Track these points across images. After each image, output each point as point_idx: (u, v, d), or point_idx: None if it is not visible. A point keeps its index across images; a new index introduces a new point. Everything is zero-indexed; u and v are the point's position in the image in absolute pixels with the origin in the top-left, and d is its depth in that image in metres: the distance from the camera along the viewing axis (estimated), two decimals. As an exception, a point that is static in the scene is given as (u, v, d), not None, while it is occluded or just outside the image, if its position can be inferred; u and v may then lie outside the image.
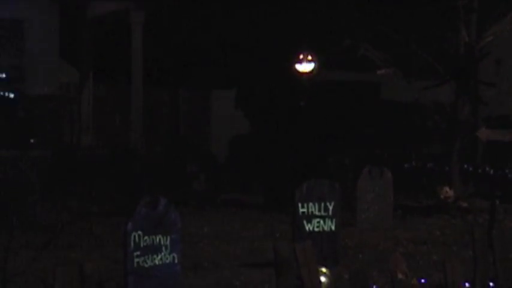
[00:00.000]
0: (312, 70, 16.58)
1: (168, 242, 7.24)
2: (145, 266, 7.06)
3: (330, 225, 8.88)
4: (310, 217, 8.81)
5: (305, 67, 16.58)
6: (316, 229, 8.81)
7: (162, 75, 18.94)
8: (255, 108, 18.10)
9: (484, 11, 13.57)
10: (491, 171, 14.31)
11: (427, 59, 13.62)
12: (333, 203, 8.90)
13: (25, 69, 17.41)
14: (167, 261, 7.21)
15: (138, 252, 7.03)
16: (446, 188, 12.99)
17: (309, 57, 16.53)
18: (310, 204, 8.82)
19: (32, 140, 12.77)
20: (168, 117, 19.45)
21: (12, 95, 16.42)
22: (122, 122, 18.12)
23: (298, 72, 16.55)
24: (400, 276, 4.80)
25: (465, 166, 14.92)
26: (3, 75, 17.09)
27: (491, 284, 5.12)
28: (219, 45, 19.34)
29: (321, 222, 8.85)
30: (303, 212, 8.79)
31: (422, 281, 4.98)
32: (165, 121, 19.35)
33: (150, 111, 18.17)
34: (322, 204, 8.85)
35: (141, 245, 7.06)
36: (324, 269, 6.19)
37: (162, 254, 7.19)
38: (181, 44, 19.61)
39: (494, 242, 5.33)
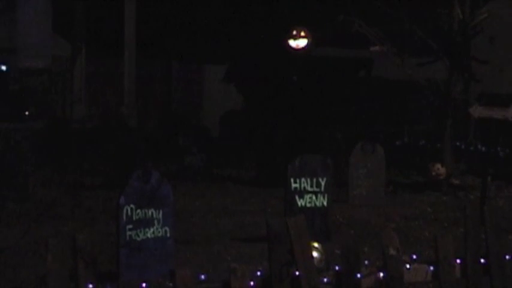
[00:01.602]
0: (305, 46, 16.52)
1: (160, 216, 7.27)
2: (138, 239, 7.09)
3: (322, 201, 8.91)
4: (302, 192, 8.83)
5: (298, 43, 16.53)
6: (308, 205, 8.84)
7: (155, 49, 18.86)
8: (247, 83, 18.07)
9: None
10: (483, 149, 14.34)
11: (421, 35, 13.58)
12: (325, 179, 8.92)
13: (17, 41, 17.30)
14: (159, 234, 7.24)
15: (131, 226, 7.06)
16: (438, 165, 13.01)
17: (302, 33, 16.47)
18: (303, 179, 8.83)
19: (26, 113, 12.74)
20: (160, 91, 19.40)
21: (4, 67, 16.33)
22: (115, 95, 18.08)
23: (291, 47, 16.49)
24: (392, 251, 4.81)
25: (457, 143, 14.95)
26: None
27: (482, 260, 5.14)
28: (213, 19, 19.26)
29: (313, 197, 8.87)
30: (295, 188, 8.81)
31: (414, 256, 5.00)
32: (158, 94, 19.31)
33: (142, 84, 18.12)
34: (315, 180, 8.87)
35: (134, 219, 7.09)
36: (316, 244, 6.21)
37: (155, 227, 7.22)
38: (174, 18, 19.52)
39: (486, 218, 5.34)
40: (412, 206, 11.59)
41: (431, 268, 4.99)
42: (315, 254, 5.53)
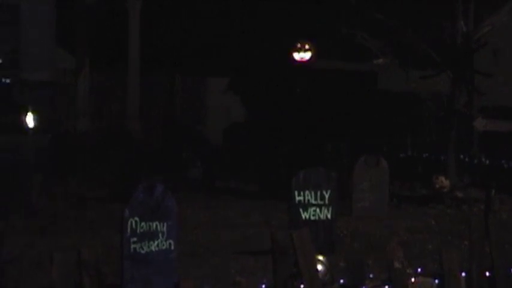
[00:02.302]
0: (309, 59, 16.58)
1: (164, 229, 7.26)
2: (142, 252, 7.08)
3: (326, 214, 8.91)
4: (306, 205, 8.83)
5: (302, 55, 16.58)
6: (312, 217, 8.84)
7: (158, 61, 18.90)
8: (251, 95, 18.09)
9: (481, 1, 13.57)
10: (487, 162, 14.33)
11: (424, 48, 13.62)
12: (329, 192, 8.92)
13: (21, 54, 17.35)
14: (163, 247, 7.22)
15: (135, 239, 7.05)
16: (442, 178, 13.01)
17: (306, 46, 16.53)
18: (307, 192, 8.84)
19: (30, 126, 12.77)
20: (164, 104, 19.43)
21: (8, 80, 16.37)
22: (119, 107, 18.09)
23: (295, 60, 16.54)
24: (396, 265, 4.81)
25: (461, 156, 14.94)
26: (0, 61, 17.04)
27: (487, 273, 5.14)
28: (217, 32, 19.30)
29: (317, 210, 8.88)
30: (300, 201, 8.81)
31: (419, 270, 5.00)
32: (162, 107, 19.33)
33: (146, 96, 18.15)
34: (319, 193, 8.88)
35: (138, 231, 7.07)
36: (320, 257, 6.21)
37: (159, 240, 7.21)
38: (178, 31, 19.57)
39: (490, 231, 5.34)
40: (416, 218, 11.58)
41: (437, 281, 4.99)
42: (319, 267, 5.53)
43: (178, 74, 19.64)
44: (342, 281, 4.71)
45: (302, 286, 4.52)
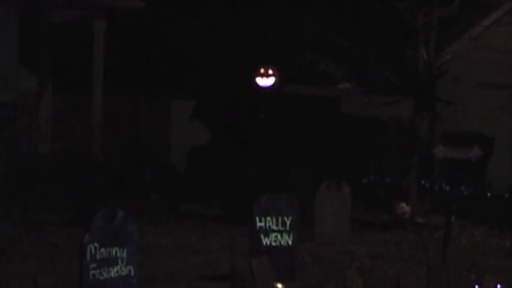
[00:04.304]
0: (273, 84, 16.67)
1: (124, 254, 7.22)
2: (101, 278, 7.03)
3: (287, 240, 8.93)
4: (267, 231, 8.85)
5: (266, 81, 16.68)
6: (273, 243, 8.85)
7: (123, 84, 18.85)
8: (214, 120, 18.11)
9: (442, 30, 13.78)
10: (448, 188, 14.47)
11: (387, 75, 13.78)
12: (290, 218, 8.96)
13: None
14: (123, 273, 7.18)
15: (94, 265, 7.00)
16: (403, 204, 13.12)
17: (270, 72, 16.62)
18: (268, 218, 8.86)
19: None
20: (128, 126, 19.34)
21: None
22: (82, 130, 17.96)
23: (259, 85, 16.62)
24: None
25: (422, 182, 15.08)
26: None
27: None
28: (181, 55, 19.32)
29: (278, 236, 8.90)
30: (261, 227, 8.83)
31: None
32: (126, 130, 19.25)
33: (110, 120, 18.05)
34: (280, 219, 8.91)
35: (97, 257, 7.03)
36: (279, 285, 6.21)
37: (118, 266, 7.16)
38: (143, 53, 19.55)
39: (447, 258, 5.40)
40: (377, 244, 11.64)
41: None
42: (278, 294, 5.54)
43: (142, 97, 19.59)
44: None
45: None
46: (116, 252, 7.17)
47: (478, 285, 5.99)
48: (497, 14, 17.58)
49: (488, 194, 14.48)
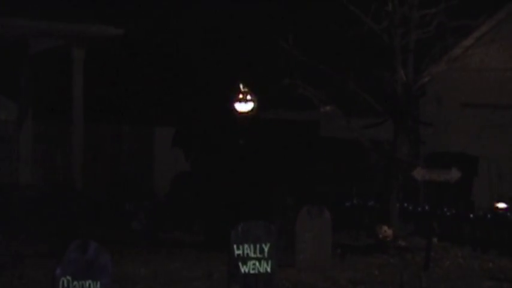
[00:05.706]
0: (252, 109, 16.67)
1: (98, 287, 7.12)
2: (74, 312, 6.92)
3: (265, 267, 8.85)
4: (245, 259, 8.77)
5: (244, 106, 16.66)
6: (251, 271, 8.78)
7: (104, 111, 18.77)
8: (196, 146, 18.04)
9: (420, 52, 13.79)
10: (430, 210, 14.41)
11: (366, 97, 13.76)
12: (268, 245, 8.88)
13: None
14: (97, 306, 7.07)
15: (66, 298, 6.90)
16: (385, 227, 13.06)
17: (248, 97, 16.62)
18: (246, 246, 8.78)
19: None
20: (110, 154, 19.24)
21: None
22: (62, 159, 17.85)
23: (237, 111, 16.61)
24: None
25: (405, 204, 15.02)
26: None
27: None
28: (162, 82, 19.28)
29: (257, 264, 8.82)
30: (238, 254, 8.75)
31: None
32: (107, 158, 19.14)
33: (91, 148, 17.95)
34: (258, 246, 8.83)
35: (70, 291, 6.92)
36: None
37: (92, 299, 7.06)
38: (124, 80, 19.50)
39: (423, 282, 5.34)
40: (359, 269, 11.55)
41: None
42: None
43: (124, 124, 19.52)
44: None
45: None
46: (90, 285, 7.09)
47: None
48: (477, 34, 17.68)
49: (471, 215, 14.44)
